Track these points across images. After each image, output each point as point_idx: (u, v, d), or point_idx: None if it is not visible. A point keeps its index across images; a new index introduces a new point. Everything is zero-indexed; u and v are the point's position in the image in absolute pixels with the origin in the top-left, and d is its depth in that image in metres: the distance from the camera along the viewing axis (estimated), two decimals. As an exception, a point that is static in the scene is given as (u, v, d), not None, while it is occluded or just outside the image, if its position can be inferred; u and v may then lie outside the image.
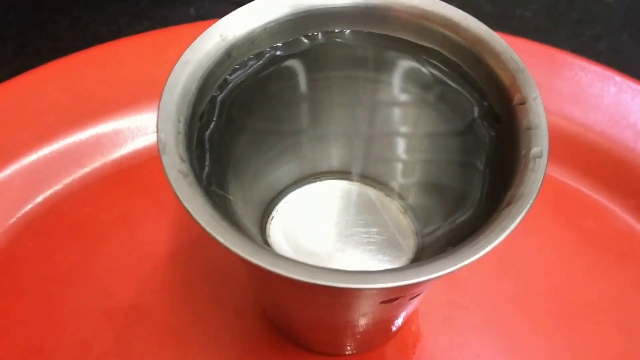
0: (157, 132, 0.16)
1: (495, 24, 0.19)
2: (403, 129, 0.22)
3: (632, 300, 0.25)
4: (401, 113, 0.22)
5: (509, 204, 0.16)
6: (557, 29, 0.35)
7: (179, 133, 0.17)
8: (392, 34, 0.20)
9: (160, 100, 0.17)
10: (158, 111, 0.17)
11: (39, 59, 0.29)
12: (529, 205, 0.15)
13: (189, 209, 0.15)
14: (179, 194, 0.15)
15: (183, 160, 0.16)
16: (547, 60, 0.30)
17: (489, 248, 0.15)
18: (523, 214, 0.15)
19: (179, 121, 0.17)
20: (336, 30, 0.20)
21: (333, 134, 0.22)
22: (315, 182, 0.23)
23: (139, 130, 0.29)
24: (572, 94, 0.29)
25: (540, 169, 0.16)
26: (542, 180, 0.16)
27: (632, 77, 0.29)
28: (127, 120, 0.29)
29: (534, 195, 0.16)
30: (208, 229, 0.15)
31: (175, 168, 0.16)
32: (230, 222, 0.15)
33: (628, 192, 0.27)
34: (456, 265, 0.14)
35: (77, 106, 0.28)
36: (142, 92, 0.29)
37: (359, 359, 0.24)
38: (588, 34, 0.35)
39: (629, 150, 0.28)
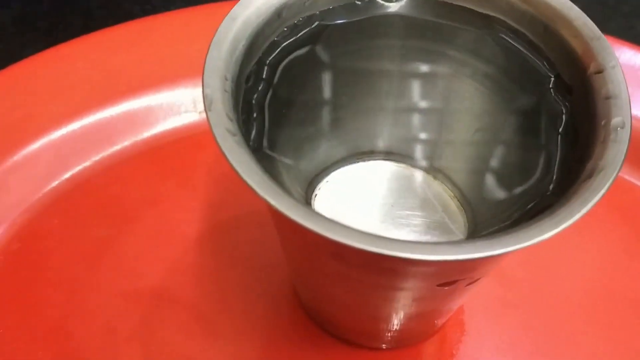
0: (202, 87, 0.15)
1: None
2: (460, 106, 0.20)
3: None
4: (456, 88, 0.20)
5: (589, 176, 0.14)
6: (607, 22, 0.34)
7: (225, 91, 0.15)
8: (453, 2, 0.19)
9: (206, 56, 0.16)
10: (204, 65, 0.15)
11: (71, 37, 0.28)
12: (613, 177, 0.14)
13: (238, 170, 0.14)
14: (226, 152, 0.14)
15: (230, 119, 0.15)
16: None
17: (571, 220, 0.13)
18: (607, 186, 0.14)
19: (226, 79, 0.16)
20: (394, -5, 0.19)
21: (382, 108, 0.21)
22: (358, 162, 0.22)
23: (172, 108, 0.27)
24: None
25: (623, 140, 0.15)
26: (626, 152, 0.14)
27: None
28: (160, 98, 0.27)
29: (619, 167, 0.14)
30: (258, 190, 0.13)
31: (223, 126, 0.14)
32: (280, 185, 0.14)
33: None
34: (536, 238, 0.13)
35: (108, 82, 0.27)
36: (176, 70, 0.28)
37: (396, 355, 0.22)
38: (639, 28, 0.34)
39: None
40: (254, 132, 0.17)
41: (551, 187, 0.16)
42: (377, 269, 0.15)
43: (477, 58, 0.19)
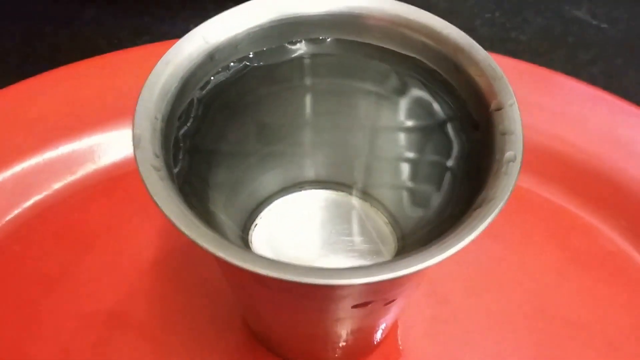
0: (132, 128, 0.16)
1: (490, 47, 0.20)
2: (382, 135, 0.22)
3: (619, 321, 0.25)
4: (377, 120, 0.22)
5: (479, 206, 0.16)
6: (552, 53, 0.36)
7: (155, 130, 0.17)
8: (374, 43, 0.20)
9: (138, 97, 0.17)
10: (136, 107, 0.17)
11: (40, 71, 0.30)
12: (499, 207, 0.15)
13: (157, 201, 0.15)
14: (148, 186, 0.15)
15: (157, 156, 0.16)
16: (539, 80, 0.30)
17: (456, 248, 0.14)
18: (493, 215, 0.15)
19: (156, 118, 0.17)
20: (320, 38, 0.20)
21: (315, 141, 0.22)
22: (299, 191, 0.23)
23: (130, 139, 0.29)
24: (563, 114, 0.29)
25: (513, 172, 0.16)
26: (514, 184, 0.16)
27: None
28: (121, 130, 0.29)
29: (506, 198, 0.16)
30: (175, 220, 0.15)
31: (148, 163, 0.16)
32: (200, 217, 0.15)
33: (618, 213, 0.27)
34: (421, 264, 0.14)
35: (72, 114, 0.29)
36: (135, 103, 0.29)
37: (340, 373, 0.23)
38: (583, 58, 0.35)
39: (620, 170, 0.28)
40: (185, 168, 0.18)
41: (454, 213, 0.17)
42: (294, 294, 0.17)
43: (395, 93, 0.21)
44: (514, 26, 0.37)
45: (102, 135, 0.29)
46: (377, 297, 0.17)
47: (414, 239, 0.20)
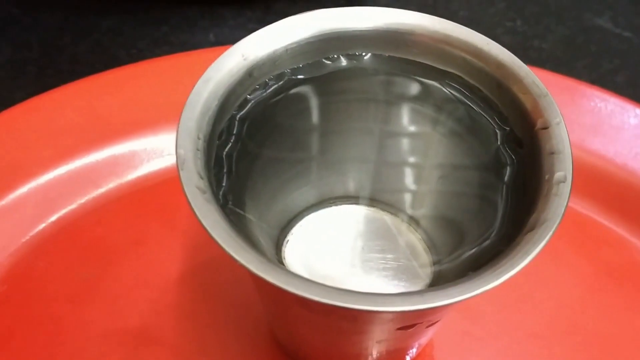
0: (176, 147, 0.16)
1: None
2: (420, 155, 0.21)
3: (654, 336, 0.24)
4: (418, 139, 0.21)
5: (532, 229, 0.15)
6: (575, 62, 0.35)
7: (197, 150, 0.16)
8: (413, 58, 0.20)
9: (180, 117, 0.17)
10: (178, 127, 0.17)
11: (59, 81, 0.29)
12: (552, 230, 0.15)
13: (206, 226, 0.15)
14: (196, 210, 0.15)
15: (201, 177, 0.16)
16: (566, 91, 0.30)
17: (511, 273, 0.14)
18: (547, 238, 0.15)
19: (198, 138, 0.17)
20: (357, 54, 0.20)
21: (350, 158, 0.22)
22: (331, 206, 0.23)
23: (155, 152, 0.29)
24: (592, 126, 0.29)
25: (564, 193, 0.16)
26: (566, 205, 0.16)
27: (652, 110, 0.29)
28: (144, 142, 0.29)
29: (558, 220, 0.15)
30: (224, 245, 0.14)
31: (193, 184, 0.16)
32: (246, 240, 0.15)
33: (650, 225, 0.27)
34: (477, 290, 0.14)
35: (94, 127, 0.28)
36: (159, 115, 0.29)
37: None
38: (606, 67, 0.35)
39: (651, 182, 0.27)
40: (226, 185, 0.18)
41: (501, 235, 0.17)
42: (338, 316, 0.16)
43: (436, 110, 0.20)
44: (536, 34, 0.36)
45: (125, 147, 0.28)
46: (423, 319, 0.17)
47: (454, 260, 0.20)
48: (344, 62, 0.20)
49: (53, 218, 0.27)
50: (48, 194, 0.27)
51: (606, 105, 0.29)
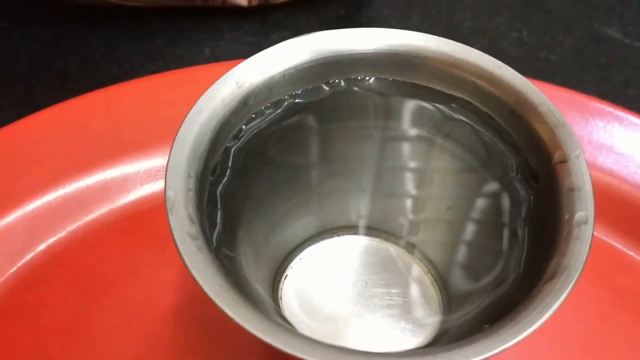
0: (165, 189, 0.15)
1: (519, 68, 0.18)
2: (426, 184, 0.20)
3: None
4: (424, 167, 0.20)
5: (552, 277, 0.14)
6: (584, 74, 0.34)
7: (189, 190, 0.15)
8: (419, 82, 0.19)
9: (170, 154, 0.16)
10: (167, 165, 0.15)
11: (49, 98, 0.28)
12: (575, 279, 0.14)
13: (198, 279, 0.14)
14: (187, 260, 0.14)
15: (192, 222, 0.15)
16: (577, 108, 0.28)
17: (532, 329, 0.13)
18: (569, 289, 0.14)
19: (189, 176, 0.15)
20: (359, 78, 0.19)
21: (352, 187, 0.21)
22: (332, 237, 0.22)
23: (148, 175, 0.27)
24: (604, 144, 0.28)
25: (586, 237, 0.15)
26: (589, 251, 0.14)
27: (667, 126, 0.27)
28: (136, 165, 0.27)
29: (581, 268, 0.14)
30: (217, 301, 0.13)
31: (184, 230, 0.14)
32: (241, 291, 0.14)
33: (666, 250, 0.25)
34: (496, 349, 0.13)
35: (84, 149, 0.27)
36: (153, 136, 0.28)
37: None
38: (617, 79, 0.34)
39: (667, 204, 0.26)
40: (220, 224, 0.17)
41: (518, 281, 0.16)
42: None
43: (443, 138, 0.19)
44: (543, 46, 0.35)
45: (117, 170, 0.27)
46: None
47: (465, 300, 0.18)
48: (345, 86, 0.19)
49: (42, 247, 0.25)
50: (36, 222, 0.26)
51: (619, 122, 0.28)
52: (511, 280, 0.16)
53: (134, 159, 0.27)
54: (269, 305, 0.17)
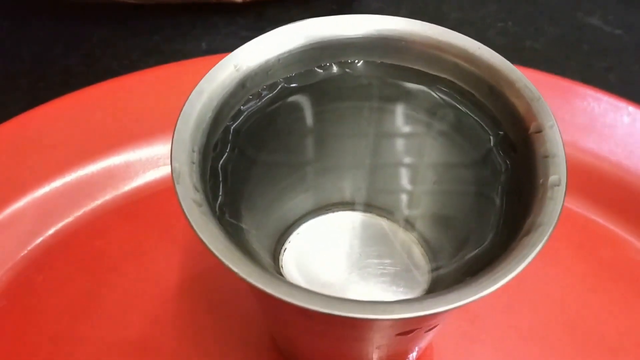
0: (171, 161, 0.16)
1: (505, 56, 0.19)
2: (414, 160, 0.22)
3: (652, 334, 0.24)
4: (413, 143, 0.21)
5: (527, 233, 0.15)
6: (567, 61, 0.35)
7: (192, 163, 0.16)
8: (405, 64, 0.20)
9: (174, 130, 0.17)
10: (172, 140, 0.17)
11: (52, 93, 0.29)
12: (548, 234, 0.15)
13: (203, 239, 0.15)
14: (193, 223, 0.15)
15: (197, 190, 0.16)
16: (559, 91, 0.30)
17: (508, 277, 0.14)
18: (543, 242, 0.15)
19: (193, 150, 0.17)
20: (349, 61, 0.20)
21: (346, 165, 0.22)
22: (327, 213, 0.23)
23: (150, 162, 0.29)
24: (586, 125, 0.29)
25: (558, 197, 0.16)
26: (561, 209, 0.16)
27: (645, 108, 0.29)
28: (138, 153, 0.29)
29: (554, 224, 0.15)
30: (222, 258, 0.14)
31: (189, 197, 0.16)
32: (244, 251, 0.15)
33: (645, 223, 0.27)
34: (475, 295, 0.14)
35: (88, 139, 0.29)
36: (153, 125, 0.29)
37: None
38: (599, 66, 0.35)
39: (646, 180, 0.28)
40: (222, 196, 0.18)
41: (497, 240, 0.17)
42: (338, 325, 0.16)
43: (429, 116, 0.20)
44: (528, 35, 0.37)
45: (120, 158, 0.28)
46: (422, 325, 0.17)
47: (451, 264, 0.20)
48: (336, 69, 0.20)
49: (50, 231, 0.27)
50: (45, 208, 0.27)
51: (599, 104, 0.29)
52: (491, 240, 0.17)
53: (136, 147, 0.29)
54: (270, 268, 0.19)
